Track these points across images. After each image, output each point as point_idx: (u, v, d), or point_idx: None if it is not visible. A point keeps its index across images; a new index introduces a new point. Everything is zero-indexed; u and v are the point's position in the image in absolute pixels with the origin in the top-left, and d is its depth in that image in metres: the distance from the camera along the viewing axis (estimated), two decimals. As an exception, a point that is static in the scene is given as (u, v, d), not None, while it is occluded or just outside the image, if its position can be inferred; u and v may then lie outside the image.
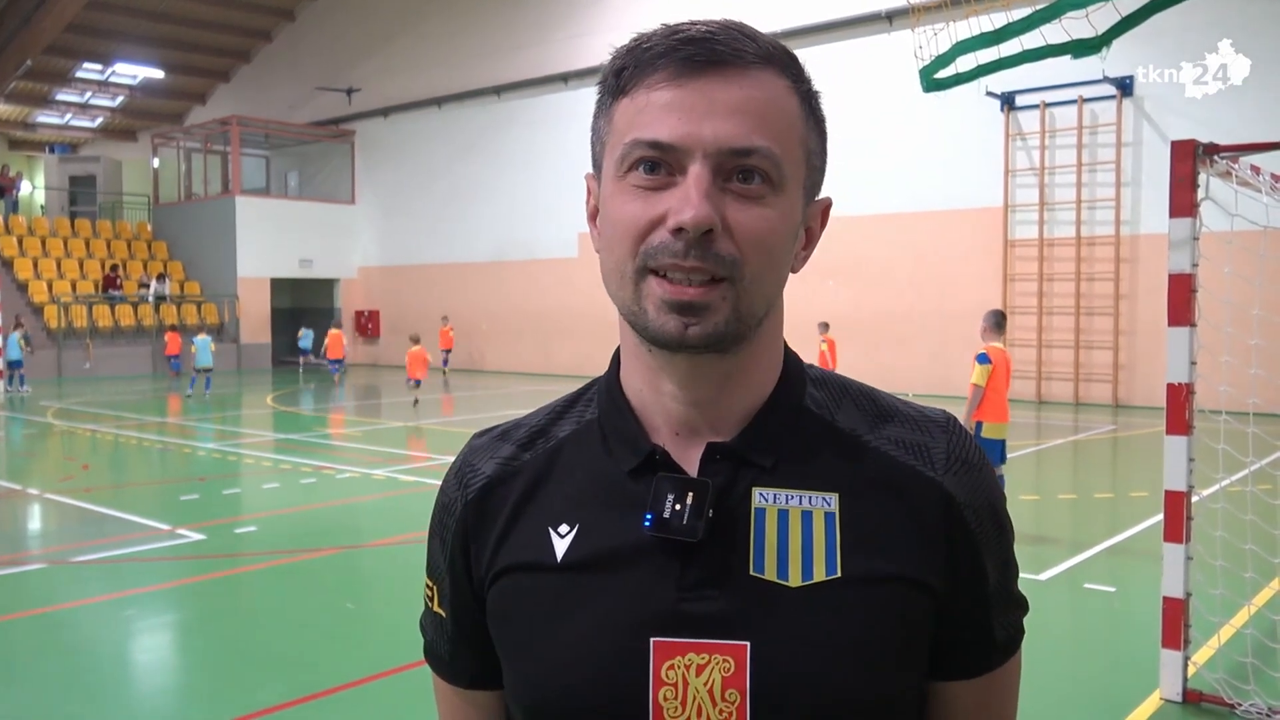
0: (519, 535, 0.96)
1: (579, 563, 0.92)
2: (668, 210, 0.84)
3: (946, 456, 0.93)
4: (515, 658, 0.95)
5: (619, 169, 0.88)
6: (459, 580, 1.00)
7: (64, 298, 26.37)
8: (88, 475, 11.06)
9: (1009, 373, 7.62)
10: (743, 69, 0.86)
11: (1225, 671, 4.50)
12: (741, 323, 0.87)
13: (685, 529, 0.88)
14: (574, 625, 0.91)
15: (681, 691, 0.87)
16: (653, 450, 0.93)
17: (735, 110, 0.85)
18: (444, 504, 1.03)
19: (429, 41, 27.72)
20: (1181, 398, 4.44)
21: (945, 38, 9.58)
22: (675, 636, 0.88)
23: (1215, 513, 5.29)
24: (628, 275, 0.87)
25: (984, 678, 0.97)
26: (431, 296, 27.97)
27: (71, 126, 37.05)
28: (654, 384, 0.93)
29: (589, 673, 0.89)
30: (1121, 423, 15.49)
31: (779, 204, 0.87)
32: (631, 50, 0.89)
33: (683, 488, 0.89)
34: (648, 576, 0.89)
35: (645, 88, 0.87)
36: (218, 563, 7.25)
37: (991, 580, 0.95)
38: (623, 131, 0.88)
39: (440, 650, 1.06)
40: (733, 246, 0.85)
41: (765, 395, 0.94)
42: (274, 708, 4.55)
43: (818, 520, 0.90)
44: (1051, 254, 18.09)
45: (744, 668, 0.86)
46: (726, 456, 0.92)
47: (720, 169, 0.85)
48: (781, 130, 0.87)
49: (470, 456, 1.03)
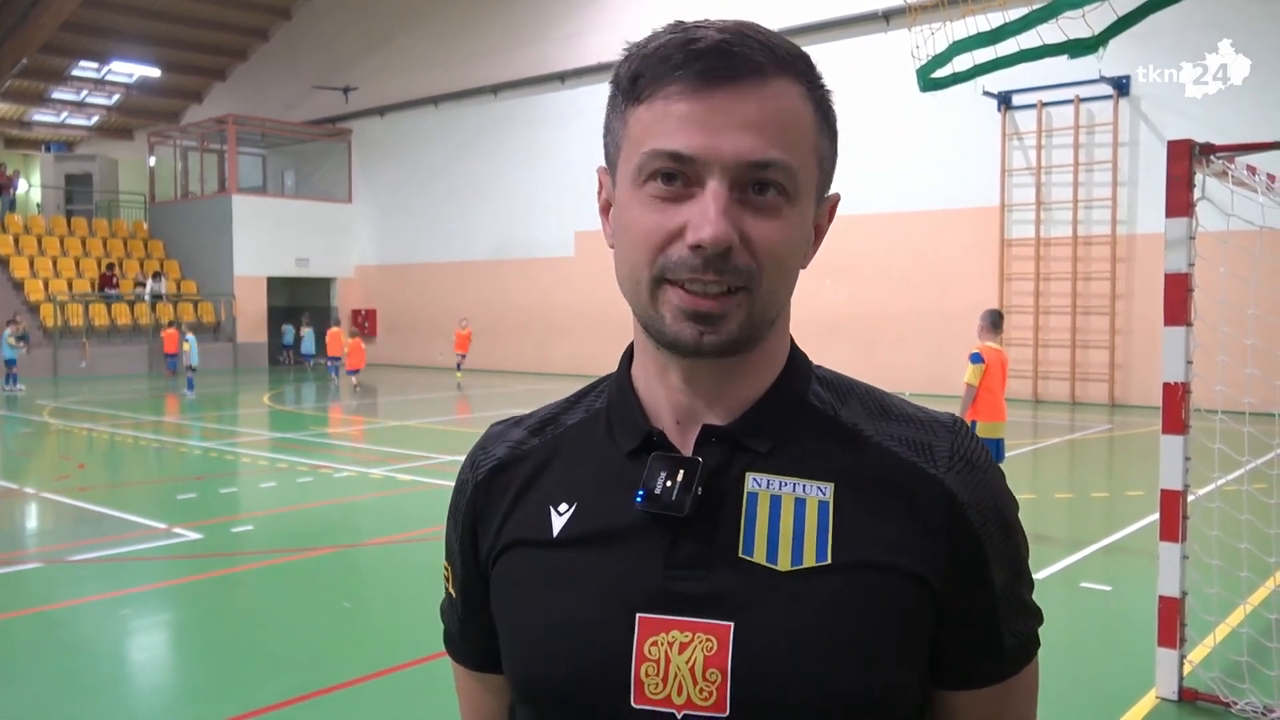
0: (522, 514, 0.98)
1: (574, 538, 0.94)
2: (686, 223, 0.85)
3: (950, 455, 0.93)
4: (510, 632, 0.97)
5: (636, 177, 0.89)
6: (468, 561, 1.03)
7: (60, 296, 26.32)
8: (84, 474, 11.05)
9: (1005, 372, 7.59)
10: (761, 81, 0.86)
11: (1221, 670, 4.51)
12: (755, 328, 0.89)
13: (673, 504, 0.89)
14: (563, 599, 0.92)
15: (663, 668, 0.87)
16: (650, 432, 0.94)
17: (753, 124, 0.85)
18: (458, 486, 1.06)
19: (426, 40, 27.71)
20: (1177, 397, 4.45)
21: (942, 37, 9.60)
22: (661, 613, 0.88)
23: (1211, 512, 5.30)
24: (644, 283, 0.88)
25: (994, 689, 0.96)
26: (428, 296, 27.96)
27: (68, 125, 37.00)
28: (661, 376, 0.95)
29: (576, 645, 0.90)
30: (1118, 422, 15.51)
31: (793, 215, 0.89)
32: (647, 56, 0.89)
33: (674, 465, 0.91)
34: (638, 553, 0.91)
35: (663, 98, 0.87)
36: (214, 562, 7.25)
37: (998, 583, 0.93)
38: (639, 140, 0.88)
39: (453, 632, 1.09)
40: (749, 258, 0.86)
41: (767, 385, 0.96)
42: (271, 707, 4.54)
43: (811, 508, 0.91)
44: (1048, 253, 18.12)
45: (726, 648, 0.87)
46: (721, 440, 0.93)
47: (738, 182, 0.86)
48: (797, 140, 0.88)
49: (485, 442, 1.06)
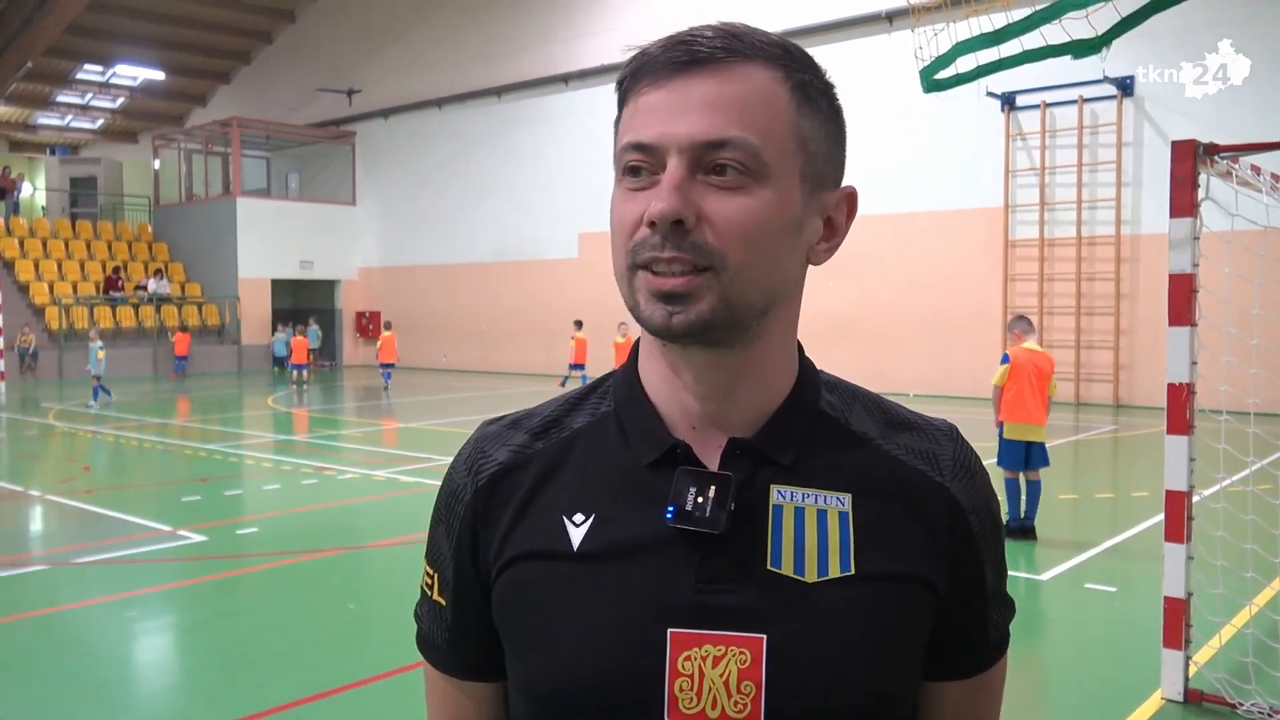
0: (531, 524, 0.96)
1: (597, 552, 0.92)
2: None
3: (953, 464, 0.97)
4: (527, 646, 0.94)
5: (617, 171, 0.92)
6: (464, 568, 0.99)
7: (65, 299, 26.38)
8: (89, 476, 11.07)
9: (1040, 375, 7.40)
10: (721, 65, 0.87)
11: (1226, 671, 4.50)
12: (733, 311, 0.88)
13: (708, 521, 0.89)
14: (591, 614, 0.91)
15: (697, 682, 0.88)
16: (674, 444, 0.93)
17: (709, 105, 0.86)
18: (451, 490, 1.01)
19: (429, 43, 27.73)
20: (1182, 397, 4.44)
21: (945, 38, 9.59)
22: (693, 628, 0.88)
23: (1216, 512, 5.29)
24: (622, 272, 0.90)
25: (975, 678, 1.00)
26: (432, 297, 27.98)
27: (72, 128, 37.08)
28: (671, 378, 0.95)
29: (605, 662, 0.89)
30: (1122, 422, 15.49)
31: (762, 193, 0.88)
32: (631, 60, 0.92)
33: (705, 481, 0.91)
34: (667, 568, 0.90)
35: (635, 94, 0.90)
36: (219, 564, 7.26)
37: (990, 582, 0.98)
38: (620, 137, 0.91)
39: (436, 640, 1.04)
40: (713, 236, 0.86)
41: (783, 394, 0.96)
42: (275, 709, 4.55)
43: (832, 519, 0.92)
44: (1052, 254, 18.09)
45: (760, 660, 0.87)
46: (746, 453, 0.93)
47: (698, 163, 0.86)
48: (762, 120, 0.88)
49: (481, 443, 1.02)
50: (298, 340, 22.87)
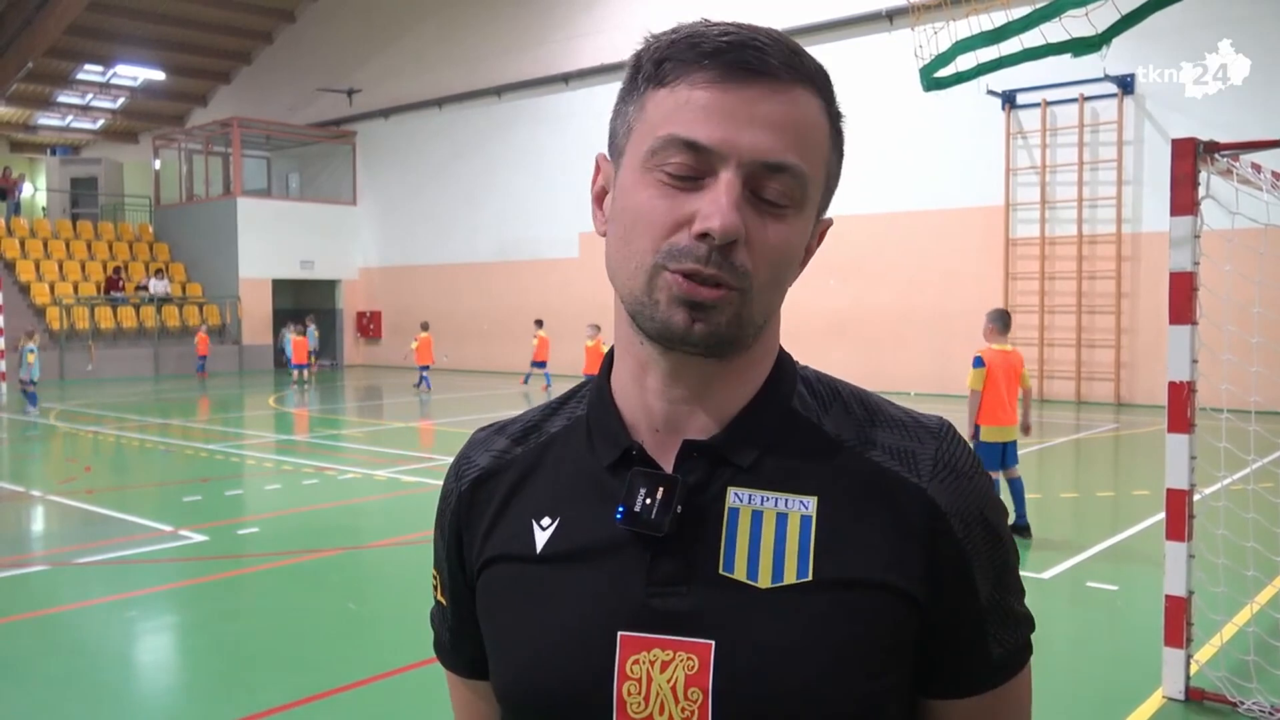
0: (506, 526, 0.97)
1: (557, 554, 0.93)
2: (695, 212, 0.84)
3: (934, 463, 0.91)
4: (496, 646, 0.97)
5: (647, 159, 0.87)
6: (455, 570, 1.03)
7: (66, 299, 26.39)
8: (90, 477, 11.07)
9: (1012, 374, 7.32)
10: (787, 85, 0.86)
11: (1228, 670, 4.49)
12: (741, 329, 0.87)
13: (653, 523, 0.88)
14: (547, 616, 0.91)
15: (645, 687, 0.87)
16: (630, 446, 0.93)
17: (774, 125, 0.85)
18: (443, 494, 1.05)
19: (430, 42, 27.73)
20: (1183, 396, 4.44)
21: (945, 36, 9.59)
22: (643, 631, 0.87)
23: (1217, 511, 5.29)
24: (644, 269, 0.86)
25: (982, 698, 0.94)
26: (433, 297, 27.98)
27: (73, 128, 37.08)
28: (639, 379, 0.93)
29: (558, 663, 0.90)
30: (1123, 421, 15.48)
31: (796, 223, 0.88)
32: (675, 42, 0.87)
33: (654, 482, 0.89)
34: (619, 570, 0.90)
35: (687, 84, 0.85)
36: (220, 564, 7.26)
37: (983, 593, 0.91)
38: (656, 123, 0.86)
39: (444, 639, 1.09)
40: (747, 258, 0.85)
41: (751, 395, 0.94)
42: (276, 709, 4.55)
43: (792, 523, 0.89)
44: (1053, 252, 18.09)
45: (707, 667, 0.85)
46: (703, 454, 0.91)
47: (750, 179, 0.85)
48: (813, 150, 0.88)
49: (468, 450, 1.05)
50: (297, 340, 23.00)
